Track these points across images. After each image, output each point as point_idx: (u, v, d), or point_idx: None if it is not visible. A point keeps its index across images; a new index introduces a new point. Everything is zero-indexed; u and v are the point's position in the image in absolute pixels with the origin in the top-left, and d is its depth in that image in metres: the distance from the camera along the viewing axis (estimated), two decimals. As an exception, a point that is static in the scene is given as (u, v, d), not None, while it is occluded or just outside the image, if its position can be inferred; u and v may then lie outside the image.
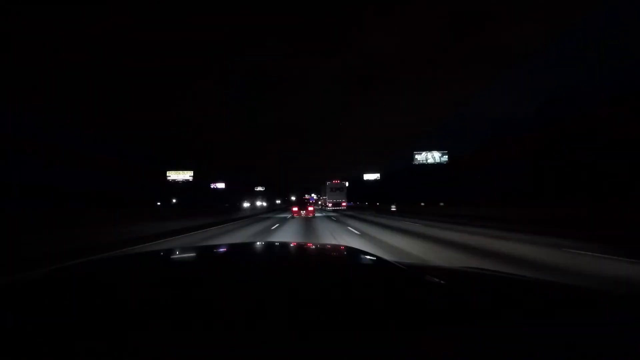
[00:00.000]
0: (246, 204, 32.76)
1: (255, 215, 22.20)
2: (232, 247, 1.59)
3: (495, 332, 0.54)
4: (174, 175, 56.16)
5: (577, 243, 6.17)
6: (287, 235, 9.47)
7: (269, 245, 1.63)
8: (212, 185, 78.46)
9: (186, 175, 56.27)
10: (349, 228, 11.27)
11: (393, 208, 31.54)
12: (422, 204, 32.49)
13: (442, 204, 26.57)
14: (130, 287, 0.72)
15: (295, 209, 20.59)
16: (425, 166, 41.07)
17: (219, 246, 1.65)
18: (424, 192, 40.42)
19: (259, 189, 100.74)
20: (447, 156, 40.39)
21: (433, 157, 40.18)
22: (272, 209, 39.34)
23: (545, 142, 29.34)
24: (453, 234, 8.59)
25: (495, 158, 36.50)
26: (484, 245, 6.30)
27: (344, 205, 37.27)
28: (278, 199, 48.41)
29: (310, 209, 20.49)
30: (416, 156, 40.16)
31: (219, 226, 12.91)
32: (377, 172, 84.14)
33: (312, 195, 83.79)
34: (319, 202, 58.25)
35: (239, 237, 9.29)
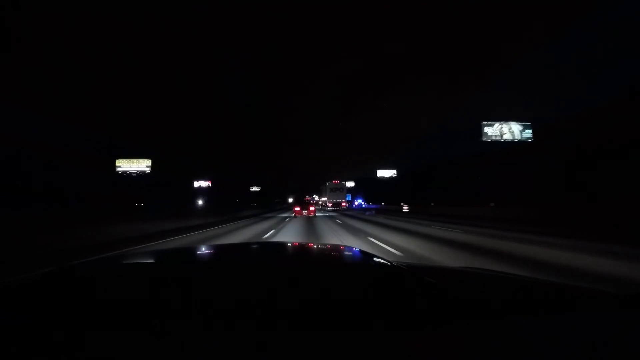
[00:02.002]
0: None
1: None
2: (232, 247, 1.81)
3: (494, 331, 0.54)
4: (125, 165, 41.08)
5: None
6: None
7: (269, 245, 1.89)
8: (196, 184, 68.86)
9: (142, 165, 41.18)
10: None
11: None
12: (492, 204, 17.81)
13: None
14: (129, 287, 0.72)
15: (297, 208, 21.82)
16: (496, 145, 25.81)
17: (220, 246, 2.02)
18: (476, 188, 25.88)
19: (255, 189, 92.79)
20: (530, 130, 25.13)
21: (510, 131, 25.10)
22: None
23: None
24: None
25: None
26: None
27: (344, 206, 37.30)
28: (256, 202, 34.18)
29: (312, 208, 22.21)
30: (486, 129, 25.06)
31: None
32: (393, 169, 70.05)
33: (314, 196, 76.53)
34: (319, 203, 55.50)
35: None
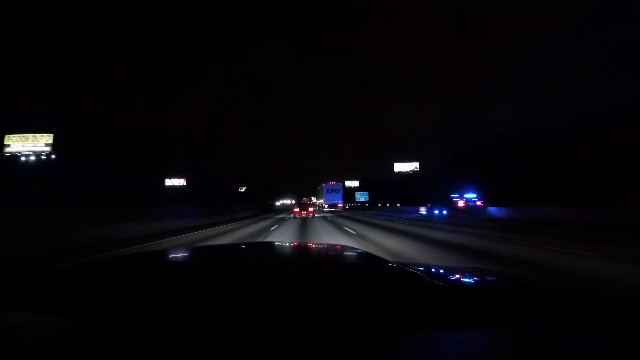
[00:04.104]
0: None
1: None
2: (231, 247, 1.80)
3: (492, 332, 0.54)
4: (17, 145, 26.21)
5: None
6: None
7: (267, 245, 1.78)
8: (168, 182, 55.96)
9: (39, 143, 26.35)
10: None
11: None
12: None
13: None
14: (131, 286, 0.73)
15: (296, 209, 22.04)
16: None
17: (219, 247, 2.03)
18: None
19: (243, 189, 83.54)
20: None
21: None
22: None
23: None
24: None
25: None
26: None
27: (340, 207, 37.45)
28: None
29: (311, 209, 22.29)
30: None
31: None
32: (415, 161, 55.60)
33: (312, 198, 68.30)
34: (317, 205, 53.48)
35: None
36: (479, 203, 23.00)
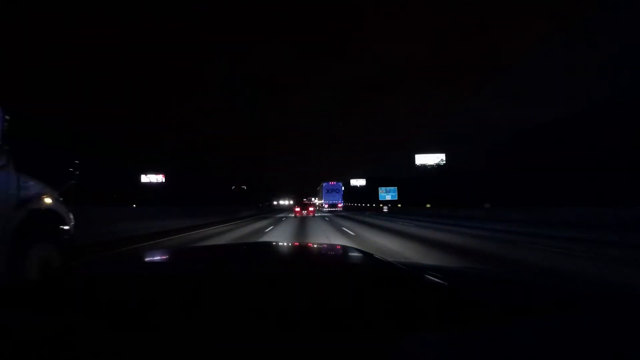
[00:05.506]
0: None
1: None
2: (230, 247, 1.94)
3: (493, 333, 0.55)
4: None
5: None
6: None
7: (267, 245, 1.81)
8: (144, 178, 51.29)
9: None
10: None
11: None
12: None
13: None
14: (132, 287, 0.73)
15: (297, 209, 23.46)
16: None
17: (220, 246, 2.16)
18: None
19: (233, 187, 77.01)
20: None
21: None
22: None
23: None
24: None
25: None
26: None
27: (339, 207, 37.16)
28: None
29: (311, 209, 24.19)
30: None
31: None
32: (440, 152, 46.40)
33: (312, 199, 62.37)
34: (317, 205, 51.23)
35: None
36: None
